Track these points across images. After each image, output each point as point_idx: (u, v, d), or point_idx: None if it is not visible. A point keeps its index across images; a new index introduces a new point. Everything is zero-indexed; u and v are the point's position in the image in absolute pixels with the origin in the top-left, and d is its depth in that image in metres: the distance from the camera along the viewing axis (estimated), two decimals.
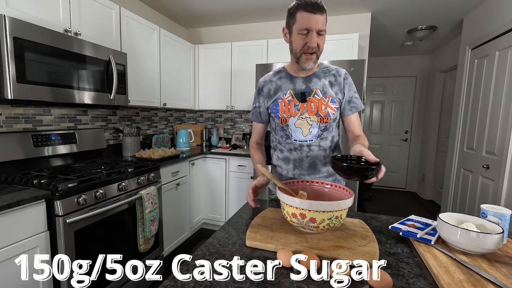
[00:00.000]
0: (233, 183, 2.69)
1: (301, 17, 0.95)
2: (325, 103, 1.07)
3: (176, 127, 3.18)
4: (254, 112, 1.20)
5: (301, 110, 1.07)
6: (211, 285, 0.58)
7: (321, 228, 0.75)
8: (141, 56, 2.20)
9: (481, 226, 0.74)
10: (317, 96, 1.07)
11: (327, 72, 1.10)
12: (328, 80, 1.09)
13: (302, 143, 1.10)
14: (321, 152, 1.12)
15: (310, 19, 0.93)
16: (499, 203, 2.04)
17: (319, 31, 0.95)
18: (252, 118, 1.23)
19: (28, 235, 1.17)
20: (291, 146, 1.13)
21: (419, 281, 0.60)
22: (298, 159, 1.13)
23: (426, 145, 4.20)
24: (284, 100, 1.09)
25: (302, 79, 1.09)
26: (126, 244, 1.64)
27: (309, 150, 1.11)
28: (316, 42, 0.96)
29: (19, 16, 1.34)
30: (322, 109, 1.06)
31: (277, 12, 2.80)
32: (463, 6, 2.55)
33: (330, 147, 1.14)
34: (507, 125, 2.01)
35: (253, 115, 1.21)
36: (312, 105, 1.06)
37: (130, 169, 1.69)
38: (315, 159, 1.12)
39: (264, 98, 1.15)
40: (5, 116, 1.58)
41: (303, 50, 0.99)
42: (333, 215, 0.73)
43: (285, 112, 1.09)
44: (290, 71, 1.12)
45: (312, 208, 0.72)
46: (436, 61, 4.03)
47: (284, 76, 1.12)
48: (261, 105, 1.17)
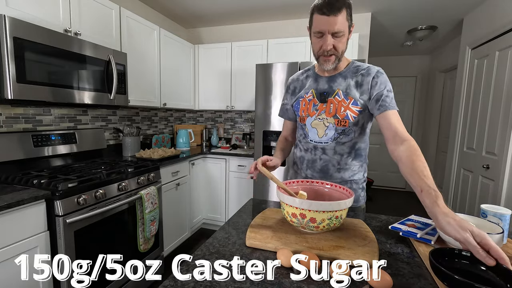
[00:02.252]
0: (233, 183, 2.69)
1: (316, 19, 0.93)
2: (345, 105, 1.01)
3: (176, 127, 3.18)
4: (282, 108, 1.25)
5: (319, 111, 1.05)
6: (211, 285, 0.58)
7: (321, 228, 0.75)
8: (141, 56, 2.20)
9: (481, 226, 0.74)
10: (338, 98, 1.02)
11: (356, 71, 1.03)
12: (355, 81, 1.02)
13: (316, 144, 1.08)
14: (336, 157, 1.07)
15: (323, 21, 0.90)
16: (499, 203, 2.04)
17: (335, 33, 0.91)
18: (279, 114, 1.28)
19: (28, 235, 1.17)
20: (306, 145, 1.12)
21: (419, 281, 0.60)
22: (311, 160, 1.12)
23: (426, 145, 4.20)
24: (305, 99, 1.09)
25: (326, 79, 1.06)
26: (126, 244, 1.64)
27: (323, 153, 1.08)
28: (331, 44, 0.93)
29: (19, 16, 1.34)
30: (340, 111, 1.02)
31: (277, 12, 2.80)
32: (463, 6, 2.55)
33: (348, 154, 1.06)
34: (507, 125, 2.01)
35: (280, 110, 1.26)
36: (331, 106, 1.03)
37: (130, 169, 1.69)
38: (328, 163, 1.08)
39: (290, 95, 1.18)
40: (5, 116, 1.58)
41: (319, 53, 0.98)
42: (333, 215, 0.73)
43: (304, 111, 1.09)
44: (317, 70, 1.11)
45: (312, 208, 0.72)
46: (436, 61, 4.03)
47: (310, 75, 1.12)
48: (288, 102, 1.20)
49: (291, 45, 2.64)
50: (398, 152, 0.86)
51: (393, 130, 0.91)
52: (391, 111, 0.94)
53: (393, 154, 0.89)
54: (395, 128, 0.91)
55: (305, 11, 2.74)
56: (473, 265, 0.59)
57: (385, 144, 0.95)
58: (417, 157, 0.79)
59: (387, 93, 0.97)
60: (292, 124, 1.25)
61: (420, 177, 0.72)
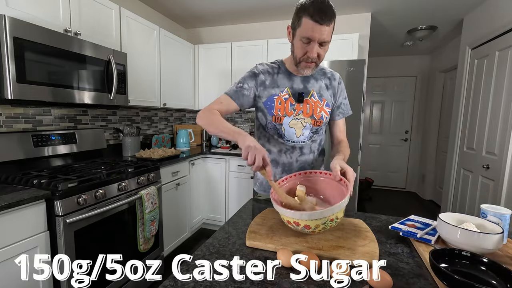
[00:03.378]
0: (233, 183, 2.69)
1: (306, 24, 0.87)
2: (320, 106, 1.06)
3: (176, 127, 3.18)
4: (237, 90, 1.05)
5: (297, 111, 1.05)
6: (211, 285, 0.58)
7: (317, 232, 0.74)
8: (141, 56, 2.20)
9: (481, 226, 0.74)
10: (313, 99, 1.06)
11: (323, 74, 1.10)
12: (325, 83, 1.09)
13: (294, 144, 1.08)
14: (310, 156, 1.12)
15: (315, 29, 0.87)
16: (499, 203, 2.04)
17: (322, 42, 0.90)
18: (229, 93, 1.05)
19: (28, 235, 1.17)
20: (282, 146, 1.09)
21: (419, 281, 0.60)
22: (288, 164, 1.10)
23: (426, 145, 4.20)
24: (280, 97, 1.05)
25: (300, 78, 1.07)
26: (126, 244, 1.64)
27: (301, 153, 1.10)
28: (316, 53, 0.92)
29: (19, 16, 1.34)
30: (317, 112, 1.06)
31: (277, 12, 2.80)
32: (463, 6, 2.55)
33: (318, 150, 1.15)
34: (507, 125, 2.01)
35: (234, 92, 1.05)
36: (308, 106, 1.05)
37: (130, 169, 1.69)
38: (304, 163, 1.11)
39: (258, 85, 1.05)
40: (5, 116, 1.58)
41: (302, 58, 0.96)
42: (327, 219, 0.71)
43: (280, 110, 1.04)
44: (288, 67, 1.07)
45: (304, 218, 0.70)
46: (436, 61, 4.03)
47: (282, 71, 1.07)
48: (249, 89, 1.04)
49: None
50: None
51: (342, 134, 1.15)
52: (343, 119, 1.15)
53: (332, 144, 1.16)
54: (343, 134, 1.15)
55: None
56: (473, 265, 0.60)
57: (385, 144, 1.02)
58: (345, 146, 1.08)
59: (345, 100, 1.14)
60: (235, 109, 1.05)
61: (340, 149, 1.04)
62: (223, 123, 0.94)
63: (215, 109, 1.01)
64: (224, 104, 1.04)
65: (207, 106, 1.03)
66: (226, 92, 1.06)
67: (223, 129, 0.92)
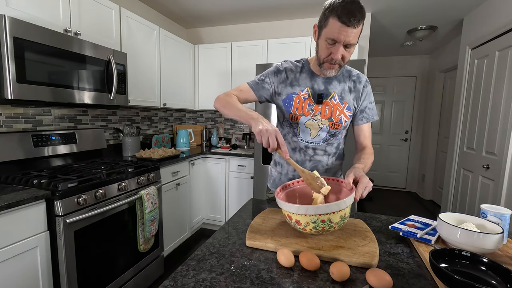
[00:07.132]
0: (233, 183, 2.69)
1: (333, 24, 0.84)
2: (340, 109, 1.03)
3: (176, 127, 3.18)
4: (259, 82, 1.08)
5: (315, 111, 1.03)
6: (211, 285, 0.58)
7: (308, 230, 0.72)
8: (141, 56, 2.20)
9: (481, 226, 0.74)
10: (334, 101, 1.03)
11: (348, 76, 1.06)
12: (348, 86, 1.05)
13: (308, 144, 1.08)
14: (325, 158, 1.09)
15: (342, 31, 0.83)
16: (499, 203, 2.04)
17: (348, 44, 0.87)
18: (250, 84, 1.09)
19: (28, 235, 1.17)
20: (296, 145, 1.09)
21: (419, 281, 0.60)
22: (301, 162, 1.10)
23: (426, 145, 4.20)
24: (299, 96, 1.04)
25: (322, 79, 1.04)
26: (126, 244, 1.64)
27: (314, 153, 1.08)
28: (341, 55, 0.89)
29: (19, 16, 1.34)
30: (336, 115, 1.03)
31: (277, 12, 2.80)
32: (463, 6, 2.55)
33: (334, 154, 1.11)
34: (507, 125, 2.01)
35: (255, 84, 1.09)
36: (327, 108, 1.03)
37: (130, 169, 1.69)
38: (318, 164, 1.10)
39: (279, 82, 1.07)
40: (5, 116, 1.58)
41: (326, 59, 0.93)
42: (318, 219, 0.69)
43: (298, 109, 1.04)
44: (312, 67, 1.05)
45: (301, 212, 0.69)
46: (436, 61, 4.03)
47: (305, 71, 1.06)
48: (270, 83, 1.07)
49: (291, 45, 2.64)
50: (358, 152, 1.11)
51: (366, 140, 1.10)
52: (369, 123, 1.10)
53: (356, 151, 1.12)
54: (368, 140, 1.11)
55: (305, 11, 2.74)
56: (473, 265, 0.60)
57: (385, 144, 1.01)
58: (368, 154, 1.04)
59: (371, 104, 1.08)
60: (253, 99, 1.10)
61: (361, 158, 1.01)
62: (239, 106, 0.98)
63: (234, 94, 1.07)
64: (244, 92, 1.09)
65: (226, 92, 1.09)
66: (248, 82, 1.11)
67: (237, 112, 0.95)
